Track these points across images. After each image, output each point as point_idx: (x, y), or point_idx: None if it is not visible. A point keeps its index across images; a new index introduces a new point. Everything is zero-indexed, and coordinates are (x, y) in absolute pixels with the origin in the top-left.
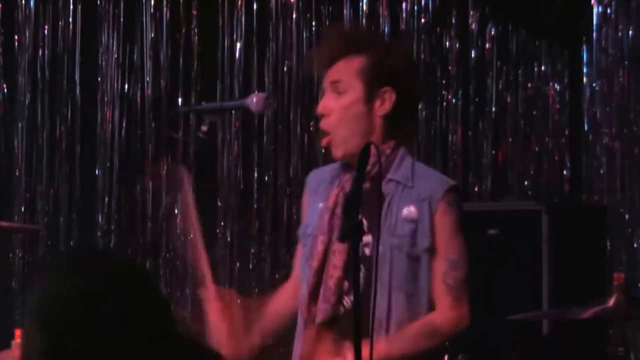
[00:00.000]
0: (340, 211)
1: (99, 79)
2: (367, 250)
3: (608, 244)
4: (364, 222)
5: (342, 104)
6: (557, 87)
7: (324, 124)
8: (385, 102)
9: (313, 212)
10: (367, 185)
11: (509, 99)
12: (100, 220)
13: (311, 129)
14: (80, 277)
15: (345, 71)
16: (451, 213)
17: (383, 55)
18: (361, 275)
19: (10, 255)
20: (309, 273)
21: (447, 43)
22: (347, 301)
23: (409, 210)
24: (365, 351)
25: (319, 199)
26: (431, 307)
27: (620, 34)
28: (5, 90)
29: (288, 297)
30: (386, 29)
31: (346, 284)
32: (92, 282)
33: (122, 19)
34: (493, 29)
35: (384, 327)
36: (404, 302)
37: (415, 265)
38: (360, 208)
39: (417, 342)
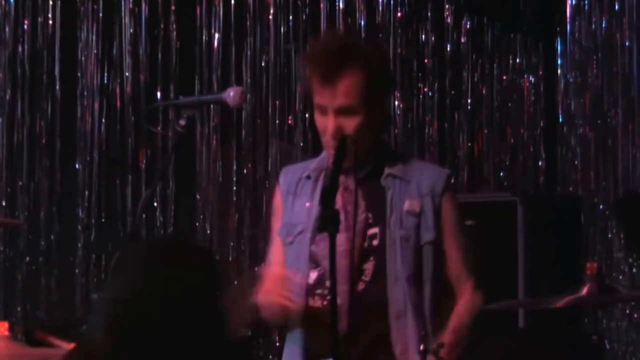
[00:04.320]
0: (350, 208)
1: (79, 74)
2: (375, 242)
3: (582, 234)
4: (370, 215)
5: (356, 127)
6: (532, 79)
7: (335, 141)
8: (382, 107)
9: (297, 211)
10: (365, 180)
11: (484, 92)
12: (80, 214)
13: (289, 122)
14: (150, 281)
15: (350, 96)
16: (454, 202)
17: (371, 72)
18: (371, 265)
19: None
20: (311, 270)
21: (423, 37)
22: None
23: (411, 204)
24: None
25: (302, 198)
26: (436, 295)
27: (593, 26)
28: None
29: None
30: (362, 23)
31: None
32: (162, 285)
33: (101, 15)
34: (468, 23)
35: (403, 317)
36: (415, 292)
37: (420, 257)
38: (366, 203)
39: (469, 329)
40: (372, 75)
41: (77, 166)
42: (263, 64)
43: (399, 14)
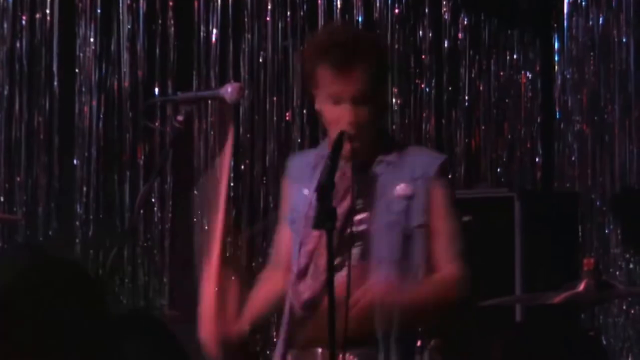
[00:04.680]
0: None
1: (77, 69)
2: (362, 227)
3: (579, 229)
4: (359, 201)
5: (366, 115)
6: (529, 75)
7: (352, 131)
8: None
9: (298, 198)
10: (361, 167)
11: (481, 88)
12: (78, 209)
13: (287, 118)
14: (21, 276)
15: (366, 83)
16: (446, 187)
17: (378, 61)
18: (356, 250)
19: None
20: (301, 255)
21: (421, 33)
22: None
23: (402, 188)
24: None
25: (303, 185)
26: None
27: (590, 22)
28: None
29: (273, 284)
30: (360, 19)
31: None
32: (34, 279)
33: (99, 11)
34: (466, 19)
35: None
36: (401, 275)
37: (409, 242)
38: (355, 189)
39: (429, 294)
40: (379, 63)
41: (75, 162)
42: (261, 60)
43: (396, 10)
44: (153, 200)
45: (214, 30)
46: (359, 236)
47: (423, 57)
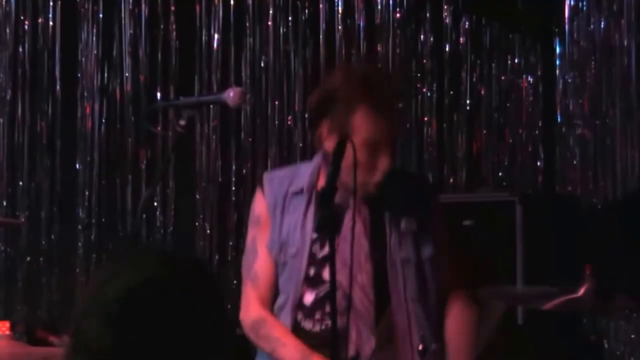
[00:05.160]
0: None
1: (79, 74)
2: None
3: (581, 234)
4: (367, 242)
5: (393, 162)
6: (530, 79)
7: (384, 179)
8: None
9: (289, 229)
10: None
11: (482, 92)
12: (80, 213)
13: (289, 122)
14: (152, 272)
15: (398, 131)
16: (442, 215)
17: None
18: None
19: None
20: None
21: (422, 37)
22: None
23: (408, 222)
24: None
25: (293, 215)
26: (439, 308)
27: (592, 26)
28: None
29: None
30: (361, 23)
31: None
32: (165, 277)
33: (101, 15)
34: (467, 23)
35: (408, 338)
36: (420, 311)
37: (422, 274)
38: (365, 228)
39: (474, 344)
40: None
41: (77, 166)
42: (262, 65)
43: (397, 15)
44: (155, 204)
45: (216, 35)
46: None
47: (424, 61)
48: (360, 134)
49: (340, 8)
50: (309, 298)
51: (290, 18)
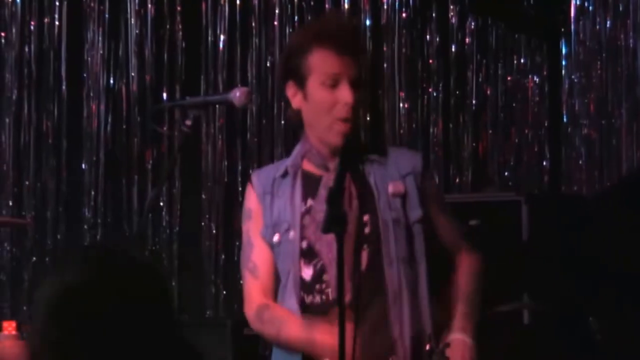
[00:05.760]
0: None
1: (85, 74)
2: (367, 229)
3: (587, 232)
4: (356, 203)
5: (362, 98)
6: (536, 79)
7: (349, 114)
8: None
9: (279, 210)
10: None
11: (488, 92)
12: (86, 213)
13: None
14: (93, 270)
15: (360, 70)
16: (434, 179)
17: (367, 58)
18: (365, 253)
19: None
20: (331, 270)
21: (428, 37)
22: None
23: (395, 186)
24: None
25: (282, 197)
26: (429, 276)
27: (598, 26)
28: None
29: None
30: (367, 23)
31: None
32: (106, 275)
33: (107, 15)
34: (473, 23)
35: (399, 299)
36: (409, 273)
37: (412, 236)
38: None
39: (478, 297)
40: (369, 60)
41: (83, 166)
42: (268, 64)
43: (403, 15)
44: (161, 204)
45: (222, 35)
46: (364, 239)
47: (430, 61)
48: (317, 72)
49: (346, 7)
50: (307, 273)
51: (296, 18)
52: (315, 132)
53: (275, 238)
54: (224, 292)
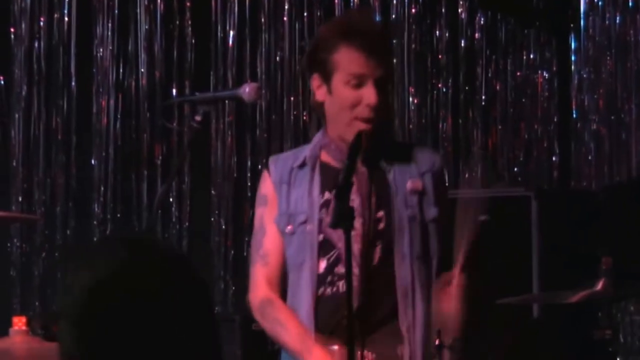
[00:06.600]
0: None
1: (94, 70)
2: (381, 225)
3: (596, 228)
4: (373, 199)
5: (386, 98)
6: (546, 75)
7: (371, 114)
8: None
9: (296, 201)
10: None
11: (498, 87)
12: (96, 209)
13: (304, 118)
14: (120, 264)
15: (386, 71)
16: (446, 183)
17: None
18: (378, 249)
19: (8, 244)
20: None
21: (437, 32)
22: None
23: (413, 183)
24: None
25: (299, 187)
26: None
27: (607, 21)
28: (2, 81)
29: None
30: (376, 18)
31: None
32: (135, 270)
33: (116, 11)
34: (482, 19)
35: (410, 295)
36: (423, 269)
37: (427, 234)
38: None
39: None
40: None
41: (93, 162)
42: (278, 60)
43: (413, 10)
44: (171, 200)
45: (231, 31)
46: (378, 235)
47: (440, 56)
48: (343, 70)
49: (355, 2)
50: (321, 266)
51: (305, 14)
52: (335, 127)
53: (289, 228)
54: (233, 288)
